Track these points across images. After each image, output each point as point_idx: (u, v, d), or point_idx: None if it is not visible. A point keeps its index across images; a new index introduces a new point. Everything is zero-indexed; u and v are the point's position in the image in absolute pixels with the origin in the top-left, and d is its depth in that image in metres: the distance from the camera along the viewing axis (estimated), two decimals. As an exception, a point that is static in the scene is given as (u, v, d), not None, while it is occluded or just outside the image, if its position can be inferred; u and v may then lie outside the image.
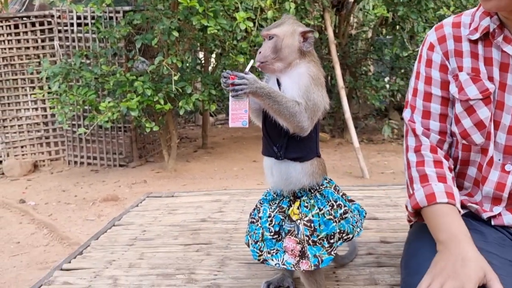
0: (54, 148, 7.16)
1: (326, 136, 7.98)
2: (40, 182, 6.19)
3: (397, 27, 7.52)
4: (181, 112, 5.51)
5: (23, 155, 7.00)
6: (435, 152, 1.34)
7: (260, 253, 1.53)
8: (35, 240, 4.12)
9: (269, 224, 1.53)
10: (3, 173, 6.68)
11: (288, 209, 1.52)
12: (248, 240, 1.61)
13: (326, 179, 1.57)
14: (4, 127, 6.99)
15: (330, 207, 1.51)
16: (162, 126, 6.29)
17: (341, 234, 1.50)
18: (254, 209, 1.64)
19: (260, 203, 1.62)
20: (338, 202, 1.53)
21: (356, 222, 1.57)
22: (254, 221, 1.59)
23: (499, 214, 1.31)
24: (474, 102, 1.29)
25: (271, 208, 1.57)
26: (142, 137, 7.15)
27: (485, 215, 1.32)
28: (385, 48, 7.73)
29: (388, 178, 5.67)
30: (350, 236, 1.54)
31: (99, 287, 1.77)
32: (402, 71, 7.96)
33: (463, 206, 1.33)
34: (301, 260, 1.44)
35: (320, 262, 1.45)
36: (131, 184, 5.79)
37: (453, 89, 1.33)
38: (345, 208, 1.54)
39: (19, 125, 7.03)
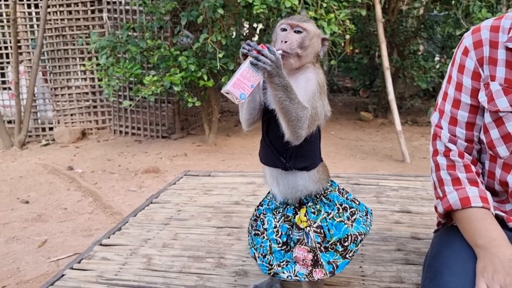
0: (101, 117, 7.43)
1: (369, 116, 7.76)
2: (88, 150, 6.47)
3: (452, 2, 7.12)
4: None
5: (72, 123, 7.32)
6: (463, 157, 1.33)
7: (270, 267, 1.46)
8: (81, 207, 4.34)
9: (276, 235, 1.46)
10: (54, 140, 7.04)
11: (294, 217, 1.46)
12: (254, 253, 1.54)
13: (328, 182, 1.52)
14: (56, 95, 7.30)
15: (337, 210, 1.47)
16: (204, 101, 6.37)
17: (361, 236, 1.48)
18: (255, 220, 1.58)
19: (263, 213, 1.55)
20: (343, 205, 1.49)
21: (366, 221, 1.53)
22: (259, 233, 1.52)
23: None
24: (504, 114, 1.24)
25: (275, 218, 1.50)
26: (185, 110, 7.27)
27: (510, 225, 1.30)
28: (437, 26, 7.38)
29: (429, 163, 5.50)
30: (365, 236, 1.50)
31: (134, 265, 1.87)
32: (454, 50, 7.59)
33: None
34: (314, 269, 1.40)
35: (335, 268, 1.42)
36: (172, 156, 5.95)
37: (482, 97, 1.29)
38: (352, 209, 1.50)
39: (69, 94, 7.33)
